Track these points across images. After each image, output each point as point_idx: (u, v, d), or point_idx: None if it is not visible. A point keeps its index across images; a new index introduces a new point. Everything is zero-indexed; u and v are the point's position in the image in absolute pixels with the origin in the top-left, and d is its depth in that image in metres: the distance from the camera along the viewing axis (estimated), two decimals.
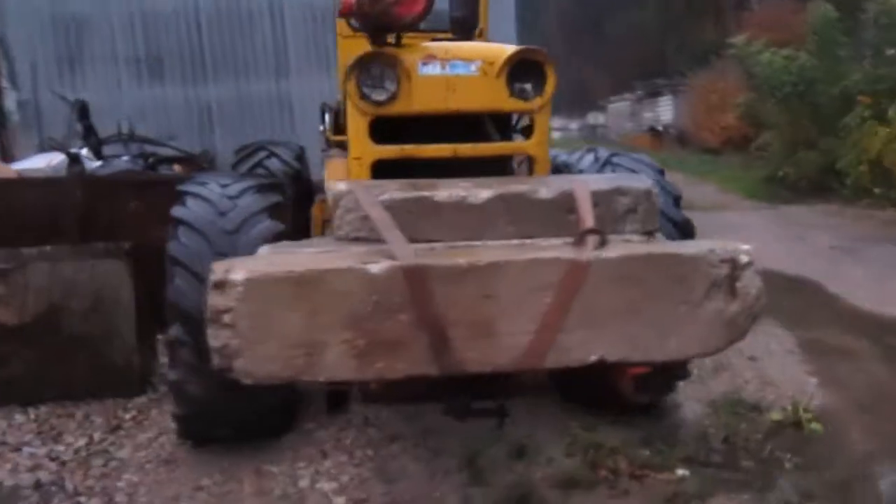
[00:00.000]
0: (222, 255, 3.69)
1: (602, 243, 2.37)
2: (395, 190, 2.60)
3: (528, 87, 2.88)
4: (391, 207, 2.51)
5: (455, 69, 2.84)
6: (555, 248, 2.37)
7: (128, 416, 4.54)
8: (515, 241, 2.55)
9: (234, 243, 3.76)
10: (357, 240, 2.64)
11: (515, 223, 2.60)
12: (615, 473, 3.71)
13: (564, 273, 2.24)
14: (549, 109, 2.93)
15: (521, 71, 2.86)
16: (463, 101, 2.87)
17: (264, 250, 2.60)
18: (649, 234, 2.62)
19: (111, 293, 4.72)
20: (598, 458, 3.80)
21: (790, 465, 3.75)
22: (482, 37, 4.91)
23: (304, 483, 3.70)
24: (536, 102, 2.89)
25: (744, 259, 2.38)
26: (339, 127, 6.00)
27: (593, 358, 2.30)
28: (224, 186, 4.07)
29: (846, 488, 3.52)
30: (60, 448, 4.15)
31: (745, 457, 3.88)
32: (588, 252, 2.27)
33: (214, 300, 2.14)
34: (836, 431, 4.13)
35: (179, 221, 3.85)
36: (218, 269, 2.21)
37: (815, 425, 4.16)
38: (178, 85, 9.66)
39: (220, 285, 2.14)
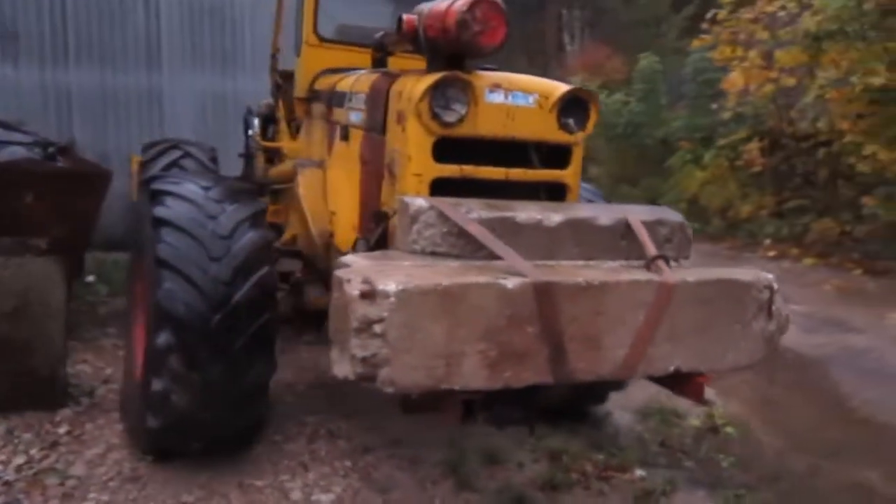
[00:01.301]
0: (216, 259, 3.61)
1: (668, 268, 2.70)
2: (480, 209, 2.75)
3: (572, 121, 3.16)
4: (481, 225, 2.66)
5: (516, 99, 3.06)
6: (638, 271, 2.66)
7: (61, 431, 4.15)
8: (581, 262, 2.81)
9: (227, 248, 3.66)
10: (434, 254, 2.76)
11: (580, 245, 2.86)
12: (585, 476, 4.06)
13: (656, 293, 2.54)
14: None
15: (570, 106, 3.13)
16: (519, 130, 3.08)
17: (355, 259, 2.62)
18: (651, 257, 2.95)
19: (39, 295, 4.28)
20: (567, 463, 4.14)
21: (725, 463, 4.34)
22: None
23: (296, 496, 3.65)
24: (579, 136, 3.18)
25: (775, 286, 2.83)
26: (267, 133, 5.92)
27: (671, 368, 2.62)
28: (206, 188, 3.92)
29: (778, 479, 4.15)
30: None
31: (684, 458, 4.41)
32: (673, 275, 2.59)
33: (365, 310, 2.17)
34: (746, 433, 4.82)
35: (164, 222, 3.66)
36: (355, 280, 2.23)
37: (729, 429, 4.82)
38: (35, 67, 8.71)
39: (370, 295, 2.17)
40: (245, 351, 3.61)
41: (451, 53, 3.02)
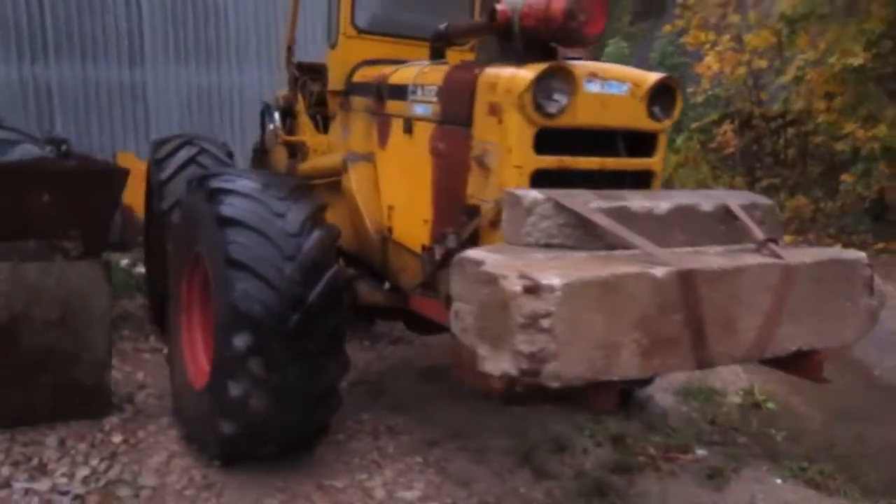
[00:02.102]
0: (290, 258, 3.53)
1: (771, 252, 2.76)
2: (596, 199, 2.75)
3: (658, 109, 3.19)
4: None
5: (611, 88, 3.06)
6: (755, 255, 2.71)
7: (116, 440, 4.01)
8: (689, 249, 2.84)
9: (299, 246, 3.58)
10: (549, 246, 2.75)
11: (685, 232, 2.88)
12: (651, 458, 4.13)
13: (779, 275, 2.59)
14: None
15: (658, 94, 3.16)
16: (614, 118, 3.09)
17: (484, 254, 2.58)
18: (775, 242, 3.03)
19: (83, 301, 4.11)
20: (631, 446, 4.20)
21: (779, 437, 4.46)
22: (474, 51, 5.10)
23: (380, 494, 3.61)
24: (666, 123, 3.21)
25: (871, 264, 2.93)
26: (289, 126, 5.79)
27: (794, 347, 2.68)
28: (266, 185, 3.83)
29: (830, 448, 4.30)
30: (62, 480, 3.57)
31: (737, 435, 4.52)
32: (792, 257, 2.64)
33: (531, 305, 2.15)
34: (787, 408, 4.96)
35: (232, 221, 3.56)
36: (512, 275, 2.21)
37: (770, 404, 4.96)
38: (13, 61, 8.31)
39: (534, 290, 2.16)
40: (320, 351, 3.56)
41: (547, 43, 3.00)
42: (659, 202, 2.86)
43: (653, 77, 3.13)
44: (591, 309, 2.22)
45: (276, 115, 5.75)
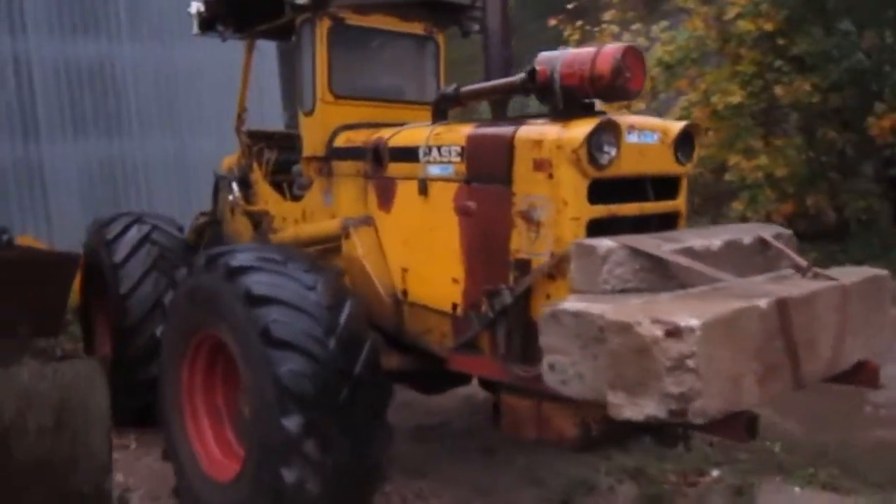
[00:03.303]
0: (330, 332, 3.44)
1: (816, 275, 3.04)
2: (663, 242, 2.92)
3: (681, 154, 3.42)
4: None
5: (645, 138, 3.25)
6: (814, 279, 2.95)
7: None
8: (760, 278, 3.05)
9: (336, 319, 3.50)
10: (625, 291, 2.88)
11: (734, 265, 3.10)
12: (675, 485, 4.29)
13: (840, 296, 2.85)
14: None
15: (681, 141, 3.39)
16: (649, 165, 3.28)
17: (590, 306, 2.64)
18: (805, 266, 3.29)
19: (81, 403, 3.76)
20: (654, 477, 4.35)
21: (775, 448, 4.77)
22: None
23: None
24: (688, 167, 3.45)
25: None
26: (248, 195, 5.62)
27: (854, 360, 2.95)
28: (285, 258, 3.72)
29: (825, 454, 4.64)
30: None
31: (737, 451, 4.79)
32: (843, 278, 2.91)
33: (676, 347, 2.24)
34: (767, 420, 5.29)
35: (266, 299, 3.42)
36: (645, 321, 2.30)
37: None
38: None
39: (676, 333, 2.25)
40: (367, 424, 3.49)
41: (588, 99, 3.17)
42: (711, 239, 3.07)
43: (678, 126, 3.37)
44: (721, 345, 2.35)
45: (235, 186, 5.58)
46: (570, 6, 13.75)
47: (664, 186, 3.45)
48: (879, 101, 9.78)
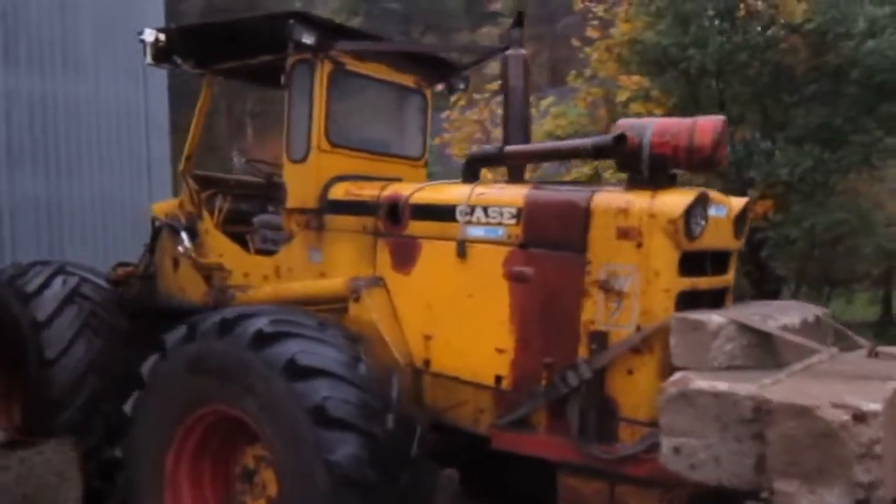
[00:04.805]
0: (386, 408, 3.07)
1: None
2: (762, 317, 2.89)
3: (737, 229, 3.46)
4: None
5: (720, 212, 3.24)
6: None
7: None
8: (837, 357, 3.07)
9: (389, 393, 3.12)
10: (731, 368, 2.80)
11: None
12: None
13: None
14: None
15: (739, 216, 3.43)
16: (719, 240, 3.27)
17: (712, 384, 2.50)
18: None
19: (52, 496, 3.04)
20: None
21: None
22: (426, 166, 5.01)
23: None
24: (741, 242, 3.49)
25: None
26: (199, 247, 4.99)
27: None
28: (318, 324, 3.29)
29: None
30: None
31: None
32: None
33: (866, 433, 2.15)
34: None
35: (313, 371, 2.98)
36: (825, 405, 2.21)
37: None
38: None
39: (861, 418, 2.17)
40: None
41: (678, 169, 3.13)
42: (787, 317, 3.10)
43: (741, 202, 3.42)
44: (893, 428, 2.31)
45: (185, 235, 4.93)
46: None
47: (717, 261, 3.46)
48: (752, 188, 10.78)
